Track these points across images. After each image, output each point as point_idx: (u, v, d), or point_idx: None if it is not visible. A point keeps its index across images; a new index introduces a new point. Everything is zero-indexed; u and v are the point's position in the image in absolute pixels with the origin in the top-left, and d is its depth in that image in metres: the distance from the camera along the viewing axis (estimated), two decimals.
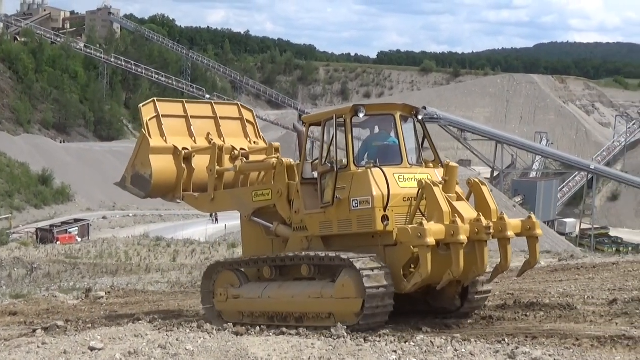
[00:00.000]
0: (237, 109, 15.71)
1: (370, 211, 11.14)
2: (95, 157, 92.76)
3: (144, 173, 14.20)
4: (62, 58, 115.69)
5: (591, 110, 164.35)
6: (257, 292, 12.27)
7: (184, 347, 9.13)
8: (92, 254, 42.53)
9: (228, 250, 43.71)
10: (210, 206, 14.50)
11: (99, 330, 11.45)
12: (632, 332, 10.28)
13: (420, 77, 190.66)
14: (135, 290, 20.74)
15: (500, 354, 8.25)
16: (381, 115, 12.34)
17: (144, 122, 14.33)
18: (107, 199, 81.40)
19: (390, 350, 8.78)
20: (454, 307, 12.12)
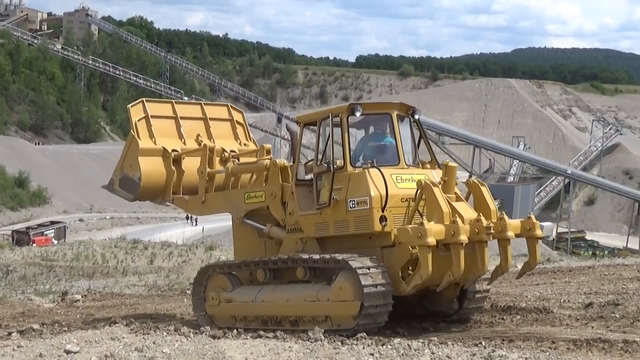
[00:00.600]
0: (227, 110, 15.48)
1: (368, 212, 10.97)
2: (72, 159, 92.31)
3: (133, 175, 13.91)
4: (39, 60, 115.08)
5: (568, 115, 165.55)
6: (251, 295, 12.08)
7: (160, 350, 9.08)
8: (69, 256, 42.29)
9: (205, 252, 43.66)
10: (201, 209, 14.11)
11: (75, 334, 11.37)
12: (607, 335, 10.37)
13: (398, 81, 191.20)
14: (112, 294, 20.61)
15: (477, 357, 8.28)
16: (378, 115, 12.19)
17: (133, 123, 14.05)
18: (84, 201, 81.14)
19: (368, 354, 8.78)
20: (452, 310, 11.93)
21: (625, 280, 15.28)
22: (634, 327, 10.96)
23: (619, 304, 12.43)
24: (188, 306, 16.46)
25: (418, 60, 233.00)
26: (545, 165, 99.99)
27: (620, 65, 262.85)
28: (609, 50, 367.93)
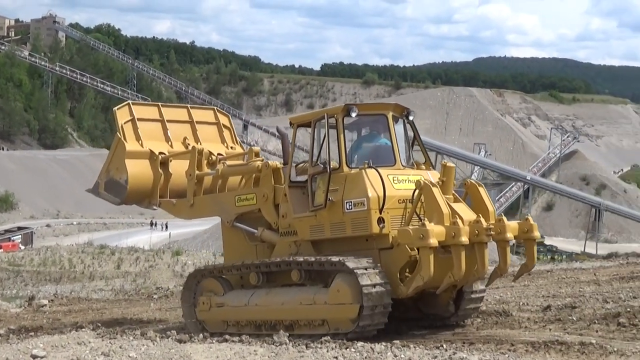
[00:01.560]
0: (213, 114, 15.18)
1: (366, 213, 10.61)
2: (39, 165, 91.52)
3: (119, 178, 13.56)
4: (6, 66, 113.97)
5: (527, 123, 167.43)
6: (243, 299, 11.69)
7: (127, 355, 9.01)
8: (36, 261, 41.93)
9: (172, 257, 43.51)
10: (189, 212, 13.61)
11: (41, 339, 11.23)
12: (564, 337, 10.47)
13: (362, 89, 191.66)
14: (79, 298, 20.46)
15: (439, 358, 8.32)
16: (373, 115, 11.83)
17: (119, 125, 13.67)
18: (51, 207, 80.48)
19: (332, 357, 8.77)
20: (448, 313, 11.61)
21: (582, 284, 15.42)
22: (591, 329, 11.08)
23: (576, 307, 12.55)
24: (155, 310, 16.41)
25: (382, 68, 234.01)
26: (505, 171, 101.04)
27: (577, 75, 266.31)
28: (566, 59, 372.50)
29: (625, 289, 14.08)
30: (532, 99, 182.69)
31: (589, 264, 24.01)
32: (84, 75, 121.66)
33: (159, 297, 19.66)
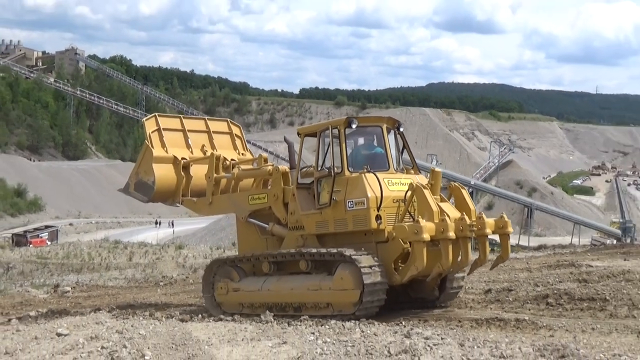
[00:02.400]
0: (227, 125, 14.90)
1: (366, 211, 10.51)
2: (62, 173, 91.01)
3: (147, 180, 13.26)
4: (35, 90, 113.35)
5: (471, 137, 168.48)
6: (257, 285, 11.52)
7: (137, 332, 8.96)
8: (60, 255, 41.55)
9: (176, 251, 43.25)
10: (208, 209, 13.39)
11: (65, 319, 11.17)
12: (502, 315, 10.54)
13: (334, 109, 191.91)
14: (97, 285, 20.31)
15: (399, 334, 8.34)
16: (370, 127, 11.66)
17: (147, 134, 13.40)
18: (73, 209, 79.95)
19: (309, 332, 8.78)
20: (433, 297, 11.51)
21: (517, 271, 15.51)
22: (524, 308, 11.17)
23: (512, 290, 12.62)
24: (161, 295, 16.34)
25: (350, 92, 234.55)
26: (453, 177, 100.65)
27: (512, 97, 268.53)
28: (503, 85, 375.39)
29: (552, 274, 14.19)
30: (475, 117, 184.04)
31: (523, 255, 24.22)
32: (101, 98, 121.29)
33: (165, 284, 19.59)
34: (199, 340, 8.55)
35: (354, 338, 8.22)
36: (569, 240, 61.68)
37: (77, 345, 8.34)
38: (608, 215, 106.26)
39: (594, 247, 28.34)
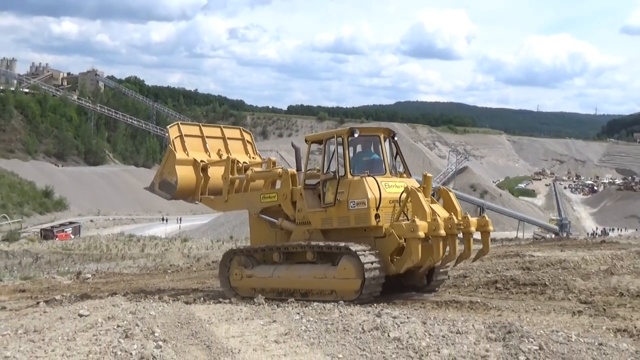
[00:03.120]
0: (239, 132, 14.73)
1: (366, 210, 10.34)
2: (84, 177, 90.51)
3: (171, 180, 13.06)
4: (61, 106, 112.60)
5: (432, 147, 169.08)
6: (268, 272, 11.31)
7: (148, 313, 8.89)
8: (82, 246, 41.25)
9: (181, 243, 43.06)
10: (224, 206, 13.18)
11: (86, 302, 11.07)
12: (459, 297, 10.61)
13: (317, 124, 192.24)
14: (113, 273, 20.20)
15: (371, 314, 8.35)
16: (369, 136, 11.47)
17: (171, 140, 13.28)
18: (93, 207, 79.47)
19: (295, 312, 8.76)
20: (422, 284, 11.33)
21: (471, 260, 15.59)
22: (477, 292, 11.24)
23: (466, 276, 12.70)
24: (169, 281, 16.27)
25: (330, 109, 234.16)
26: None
27: (467, 114, 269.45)
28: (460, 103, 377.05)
29: (500, 263, 14.26)
30: (436, 130, 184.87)
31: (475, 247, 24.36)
32: (117, 113, 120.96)
33: (172, 271, 19.51)
34: (201, 319, 8.52)
35: (333, 317, 8.22)
36: (514, 234, 62.01)
37: (96, 324, 8.27)
38: (547, 213, 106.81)
39: (535, 241, 28.58)
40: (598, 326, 8.15)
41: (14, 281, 18.98)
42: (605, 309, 9.24)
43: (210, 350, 6.88)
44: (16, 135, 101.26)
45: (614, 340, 7.02)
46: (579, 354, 6.02)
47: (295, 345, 6.93)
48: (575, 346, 6.29)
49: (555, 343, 6.37)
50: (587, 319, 8.65)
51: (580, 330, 7.73)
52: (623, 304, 9.56)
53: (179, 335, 7.64)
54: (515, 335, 6.71)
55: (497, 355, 6.12)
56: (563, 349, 6.18)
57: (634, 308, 9.29)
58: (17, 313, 10.73)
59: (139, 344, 7.02)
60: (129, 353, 6.66)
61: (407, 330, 7.18)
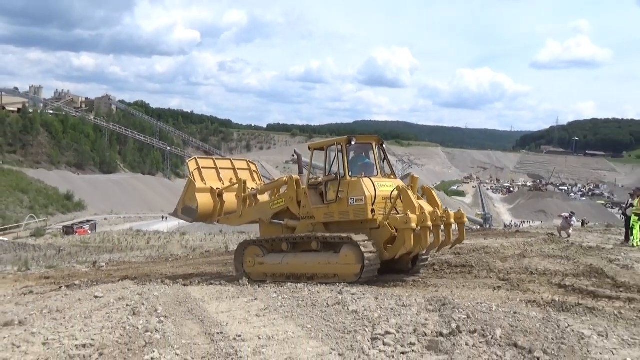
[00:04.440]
0: (246, 163, 14.28)
1: (364, 206, 10.04)
2: (99, 183, 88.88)
3: (192, 205, 12.55)
4: (80, 125, 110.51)
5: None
6: (278, 259, 10.90)
7: (152, 294, 8.79)
8: (97, 240, 40.41)
9: (180, 236, 42.48)
10: (239, 221, 12.44)
11: (101, 286, 10.88)
12: (404, 277, 10.63)
13: (290, 139, 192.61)
14: (124, 262, 19.81)
15: (334, 292, 8.37)
16: (364, 144, 11.07)
17: (190, 171, 12.86)
18: (107, 208, 78.02)
19: (273, 292, 8.74)
20: (407, 268, 11.02)
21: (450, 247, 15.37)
22: (418, 273, 11.29)
23: None
24: (170, 268, 16.02)
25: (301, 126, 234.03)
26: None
27: (410, 131, 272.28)
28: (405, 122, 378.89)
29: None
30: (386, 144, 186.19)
31: None
32: (127, 130, 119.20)
33: (172, 260, 19.22)
34: (196, 298, 8.45)
35: (303, 295, 8.22)
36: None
37: (109, 304, 8.13)
38: (474, 209, 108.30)
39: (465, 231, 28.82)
40: (513, 298, 8.28)
41: (40, 270, 18.50)
42: (519, 284, 9.40)
43: (203, 324, 6.81)
44: (42, 149, 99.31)
45: (526, 309, 7.14)
46: (498, 320, 6.10)
47: (272, 318, 6.90)
48: (495, 314, 6.37)
49: (480, 312, 6.45)
50: (504, 293, 8.79)
51: (499, 302, 7.84)
52: (532, 280, 9.74)
53: (177, 311, 7.55)
54: (449, 306, 6.77)
55: (434, 323, 6.16)
56: (486, 317, 6.26)
57: (541, 284, 9.47)
58: (42, 296, 10.46)
59: (144, 320, 6.91)
60: (136, 327, 6.56)
61: (363, 305, 7.21)
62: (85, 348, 5.98)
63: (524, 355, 5.10)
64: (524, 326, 5.84)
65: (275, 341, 5.91)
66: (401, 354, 5.32)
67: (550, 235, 16.68)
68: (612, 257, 11.59)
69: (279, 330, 6.31)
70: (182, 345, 5.95)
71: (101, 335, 6.35)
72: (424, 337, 5.69)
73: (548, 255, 12.02)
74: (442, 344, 5.43)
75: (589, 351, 5.08)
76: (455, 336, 5.61)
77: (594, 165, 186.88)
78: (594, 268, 10.26)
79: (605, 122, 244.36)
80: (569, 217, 17.55)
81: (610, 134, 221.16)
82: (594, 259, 11.49)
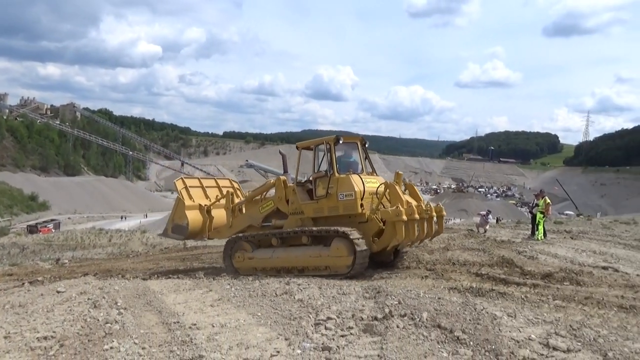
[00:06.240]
0: (229, 182, 13.56)
1: (354, 201, 9.52)
2: (63, 185, 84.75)
3: (182, 223, 11.74)
4: (45, 130, 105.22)
5: None
6: (268, 254, 10.21)
7: (113, 288, 8.44)
8: (61, 239, 38.44)
9: (141, 234, 41.09)
10: (230, 232, 11.40)
11: (63, 282, 10.32)
12: None
13: (245, 145, 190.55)
14: (86, 259, 18.94)
15: (282, 283, 8.28)
16: (350, 143, 10.51)
17: (179, 190, 12.05)
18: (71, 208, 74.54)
19: (227, 284, 8.57)
20: (389, 260, 10.62)
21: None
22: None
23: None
24: (130, 264, 15.43)
25: (254, 134, 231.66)
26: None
27: None
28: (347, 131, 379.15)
29: None
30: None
31: None
32: (91, 136, 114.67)
33: (133, 256, 18.54)
34: (155, 291, 8.18)
35: (254, 286, 8.13)
36: None
37: (71, 298, 7.75)
38: None
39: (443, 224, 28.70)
40: (438, 286, 8.48)
41: (3, 267, 17.40)
42: (443, 274, 9.63)
43: (161, 314, 6.61)
44: (7, 152, 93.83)
45: (448, 295, 7.34)
46: (425, 305, 6.24)
47: (225, 308, 6.79)
48: (422, 300, 6.51)
49: (409, 298, 6.57)
50: (431, 281, 8.98)
51: (426, 289, 8.02)
52: (454, 270, 9.99)
53: (136, 304, 7.29)
54: (383, 294, 6.87)
55: (370, 309, 6.24)
56: (414, 302, 6.39)
57: (461, 273, 9.75)
58: (5, 292, 9.83)
59: (105, 312, 6.64)
60: (96, 319, 6.29)
61: (308, 294, 7.21)
62: (46, 340, 5.68)
63: (446, 335, 5.24)
64: (447, 310, 6.01)
65: (228, 328, 5.82)
66: (341, 337, 5.36)
67: (470, 231, 17.24)
68: (520, 249, 12.03)
69: (231, 318, 6.22)
70: (140, 334, 5.75)
71: (62, 328, 6.04)
72: (361, 322, 5.75)
73: (468, 248, 12.36)
74: (377, 327, 5.50)
75: (500, 330, 5.29)
76: (388, 320, 5.70)
77: (506, 171, 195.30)
78: (505, 259, 10.62)
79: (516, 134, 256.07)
80: (486, 215, 18.20)
81: (520, 144, 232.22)
82: (506, 251, 11.89)
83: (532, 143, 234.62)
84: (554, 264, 10.28)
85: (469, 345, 4.91)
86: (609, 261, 10.86)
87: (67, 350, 5.34)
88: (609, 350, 4.72)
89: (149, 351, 5.23)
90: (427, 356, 4.75)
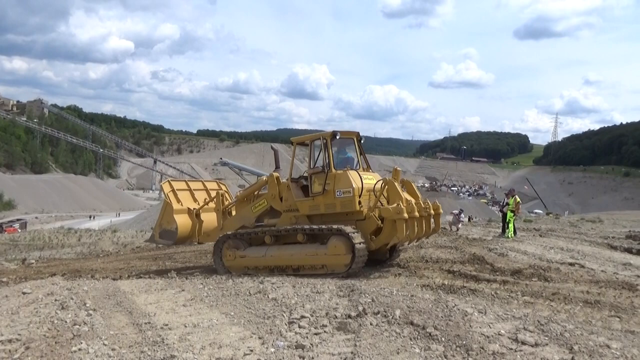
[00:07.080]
0: (217, 184, 13.30)
1: (352, 198, 9.27)
2: (31, 183, 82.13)
3: (171, 227, 11.34)
4: (11, 127, 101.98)
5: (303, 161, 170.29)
6: (261, 252, 9.84)
7: (82, 289, 8.23)
8: (27, 238, 37.28)
9: (112, 233, 40.23)
10: (220, 234, 10.91)
11: (29, 283, 10.00)
12: None
13: (219, 143, 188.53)
14: (54, 259, 18.44)
15: (256, 282, 8.22)
16: (346, 139, 10.30)
17: (165, 194, 11.68)
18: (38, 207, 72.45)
19: (200, 283, 8.43)
20: (385, 257, 10.46)
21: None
22: None
23: None
24: (100, 264, 15.09)
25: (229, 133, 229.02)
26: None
27: None
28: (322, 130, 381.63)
29: None
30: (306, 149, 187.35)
31: None
32: (60, 133, 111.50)
33: (103, 256, 18.14)
34: (125, 291, 8.01)
35: (228, 285, 8.05)
36: None
37: (37, 299, 7.52)
38: None
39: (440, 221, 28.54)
40: (411, 283, 8.59)
41: None
42: (416, 271, 9.74)
43: (131, 315, 6.48)
44: None
45: (421, 292, 7.44)
46: (398, 302, 6.30)
47: (198, 307, 6.70)
48: (395, 298, 6.56)
49: (382, 296, 6.62)
50: (404, 279, 9.07)
51: (399, 286, 8.11)
52: (427, 267, 10.11)
53: (106, 304, 7.13)
54: (356, 292, 6.90)
55: (344, 307, 6.26)
56: (387, 300, 6.44)
57: (434, 270, 9.88)
58: None
59: (73, 313, 6.48)
60: (64, 321, 6.12)
61: (282, 292, 7.18)
62: (10, 343, 5.49)
63: (418, 332, 5.30)
64: (419, 307, 6.08)
65: (200, 328, 5.75)
66: (314, 335, 5.36)
67: (443, 229, 17.49)
68: (491, 247, 12.24)
69: (204, 318, 6.14)
70: (110, 335, 5.63)
71: (28, 330, 5.86)
72: (334, 320, 5.77)
73: (440, 245, 12.52)
74: (350, 325, 5.53)
75: (470, 326, 5.38)
76: (362, 317, 5.73)
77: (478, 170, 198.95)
78: (476, 256, 10.79)
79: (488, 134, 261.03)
80: (458, 214, 18.51)
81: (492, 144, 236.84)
82: (477, 248, 12.08)
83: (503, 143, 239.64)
84: (523, 260, 10.51)
85: (441, 341, 4.98)
86: (575, 258, 11.18)
87: (33, 353, 5.19)
88: (575, 344, 4.86)
89: (119, 352, 5.12)
90: (399, 352, 4.79)
